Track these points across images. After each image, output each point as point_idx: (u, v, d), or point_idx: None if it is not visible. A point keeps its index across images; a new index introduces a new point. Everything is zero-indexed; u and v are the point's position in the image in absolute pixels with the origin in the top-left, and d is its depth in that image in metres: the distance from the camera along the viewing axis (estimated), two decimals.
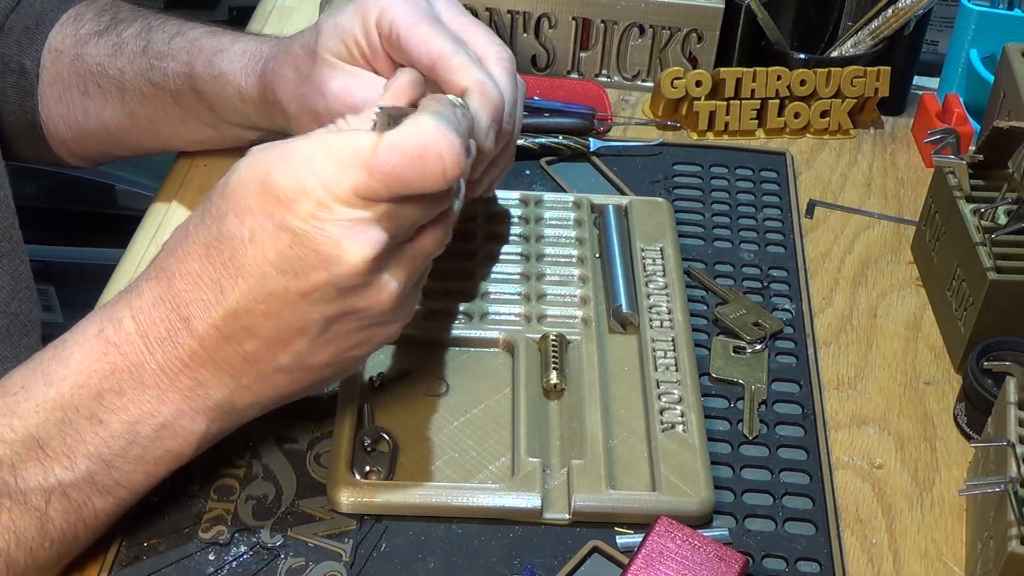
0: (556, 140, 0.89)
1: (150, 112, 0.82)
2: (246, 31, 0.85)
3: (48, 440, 0.57)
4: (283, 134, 0.78)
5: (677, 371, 0.70)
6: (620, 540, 0.63)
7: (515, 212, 0.81)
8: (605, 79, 1.00)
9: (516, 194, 0.82)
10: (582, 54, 0.99)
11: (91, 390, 0.57)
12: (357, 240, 0.55)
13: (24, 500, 0.56)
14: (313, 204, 0.55)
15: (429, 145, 0.55)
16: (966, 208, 0.75)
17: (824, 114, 0.93)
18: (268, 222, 0.55)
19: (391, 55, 0.69)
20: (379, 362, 0.71)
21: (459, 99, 0.62)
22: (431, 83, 0.66)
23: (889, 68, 0.93)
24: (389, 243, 0.56)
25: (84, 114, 0.85)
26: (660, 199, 0.84)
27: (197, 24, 0.82)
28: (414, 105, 0.60)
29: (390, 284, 0.58)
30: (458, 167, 0.55)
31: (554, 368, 0.70)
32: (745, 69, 0.92)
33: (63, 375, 0.58)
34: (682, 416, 0.68)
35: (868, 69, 0.93)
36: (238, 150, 0.87)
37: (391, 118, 0.55)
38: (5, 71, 0.84)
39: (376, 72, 0.70)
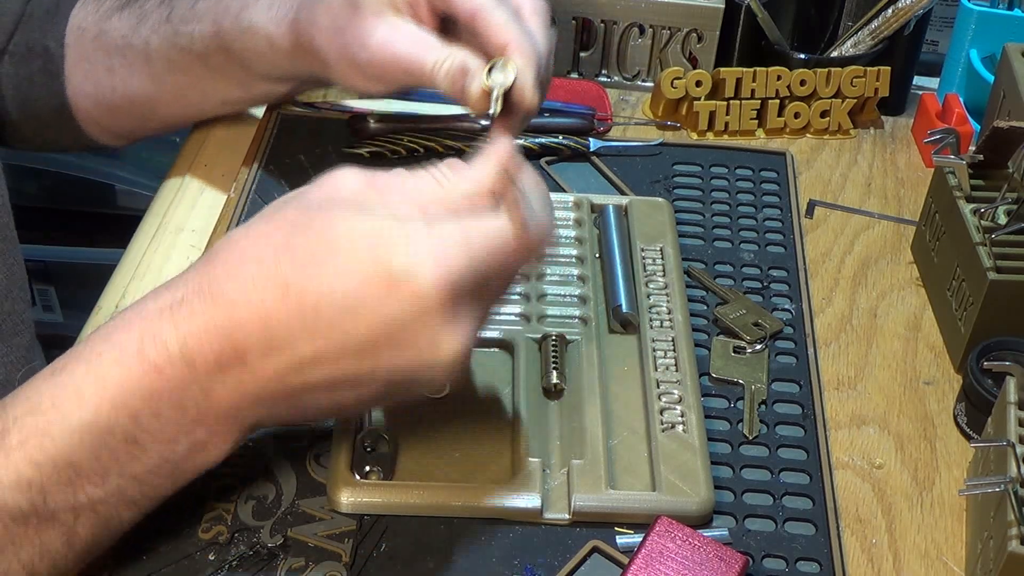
0: (556, 140, 0.89)
1: (178, 78, 0.83)
2: None
3: (81, 462, 0.55)
4: (317, 82, 0.81)
5: (677, 371, 0.70)
6: (620, 540, 0.63)
7: None
8: (605, 79, 1.00)
9: None
10: (582, 54, 0.99)
11: (128, 412, 0.55)
12: (458, 336, 0.54)
13: (52, 518, 0.55)
14: (430, 293, 0.52)
15: (543, 225, 0.57)
16: (966, 208, 0.75)
17: (824, 114, 0.93)
18: (372, 296, 0.53)
19: (433, 2, 0.70)
20: None
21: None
22: (469, 33, 0.67)
23: (889, 68, 0.93)
24: (476, 334, 0.56)
25: (111, 89, 0.85)
26: (660, 199, 0.84)
27: None
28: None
29: (453, 370, 0.56)
30: (553, 231, 0.58)
31: (554, 368, 0.70)
32: (745, 69, 0.92)
33: (100, 395, 0.55)
34: (682, 416, 0.68)
35: (868, 69, 0.93)
36: (242, 145, 0.88)
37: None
38: (30, 56, 0.85)
39: (419, 19, 0.70)
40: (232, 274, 0.55)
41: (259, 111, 0.92)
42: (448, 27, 0.71)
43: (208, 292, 0.55)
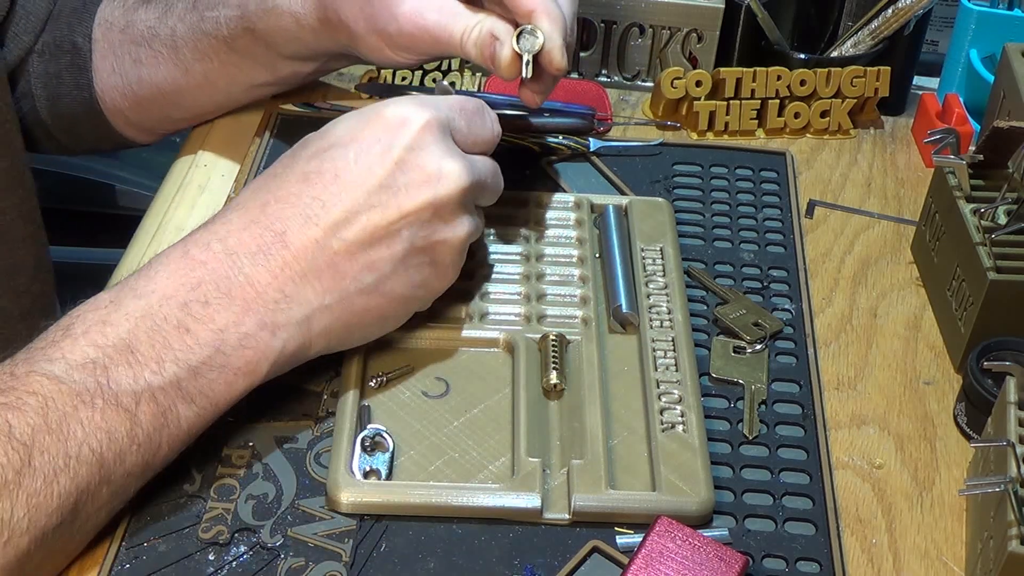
0: (556, 140, 0.89)
1: (204, 65, 0.84)
2: None
3: (138, 345, 0.59)
4: (343, 58, 0.83)
5: (677, 371, 0.70)
6: (620, 540, 0.63)
7: (515, 212, 0.81)
8: (605, 79, 1.00)
9: (516, 194, 0.82)
10: (582, 54, 0.99)
11: (178, 301, 0.60)
12: (455, 161, 0.64)
13: (116, 401, 0.58)
14: (420, 126, 0.64)
15: (486, 108, 0.70)
16: (966, 208, 0.75)
17: (824, 114, 0.93)
18: (375, 145, 0.63)
19: None
20: (380, 362, 0.71)
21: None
22: (491, 3, 0.72)
23: (889, 68, 0.93)
24: (477, 179, 0.66)
25: (138, 81, 0.86)
26: (660, 199, 0.84)
27: None
28: None
29: (467, 224, 0.66)
30: (499, 129, 0.71)
31: (554, 368, 0.70)
32: (745, 69, 0.92)
33: (151, 288, 0.61)
34: (682, 416, 0.68)
35: (868, 69, 0.93)
36: (241, 145, 0.89)
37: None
38: (59, 52, 0.86)
39: None
40: (255, 192, 0.64)
41: (258, 112, 0.92)
42: None
43: (240, 207, 0.64)
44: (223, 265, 0.61)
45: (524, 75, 0.71)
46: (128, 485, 0.60)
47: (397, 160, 0.63)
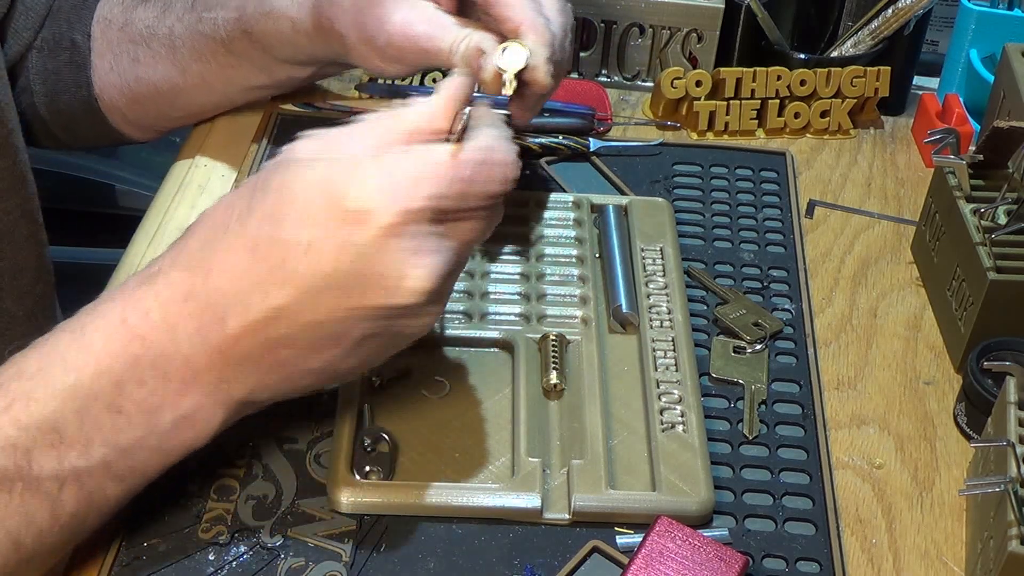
0: (556, 140, 0.89)
1: (202, 66, 0.84)
2: None
3: (65, 427, 0.55)
4: (338, 65, 0.82)
5: (677, 371, 0.70)
6: (620, 540, 0.63)
7: (515, 212, 0.81)
8: (605, 79, 1.00)
9: (516, 194, 0.82)
10: (582, 54, 0.99)
11: (112, 379, 0.55)
12: (421, 265, 0.54)
13: (37, 486, 0.54)
14: (382, 228, 0.53)
15: (495, 152, 0.56)
16: (966, 208, 0.75)
17: (824, 114, 0.93)
18: (331, 237, 0.54)
19: None
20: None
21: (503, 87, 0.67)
22: (485, 14, 0.70)
23: (889, 68, 0.93)
24: (447, 270, 0.56)
25: (136, 79, 0.86)
26: (660, 199, 0.84)
27: None
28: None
29: (434, 310, 0.57)
30: (516, 173, 0.57)
31: (554, 368, 0.70)
32: (745, 69, 0.92)
33: (83, 361, 0.56)
34: (682, 416, 0.68)
35: (868, 69, 0.93)
36: (241, 145, 0.89)
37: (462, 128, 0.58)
38: (57, 49, 0.86)
39: (435, 2, 0.72)
40: (204, 245, 0.56)
41: (258, 113, 0.92)
42: (466, 7, 0.72)
43: (184, 264, 0.56)
44: (161, 340, 0.55)
45: (506, 92, 0.68)
46: (53, 558, 0.58)
47: (352, 260, 0.54)
